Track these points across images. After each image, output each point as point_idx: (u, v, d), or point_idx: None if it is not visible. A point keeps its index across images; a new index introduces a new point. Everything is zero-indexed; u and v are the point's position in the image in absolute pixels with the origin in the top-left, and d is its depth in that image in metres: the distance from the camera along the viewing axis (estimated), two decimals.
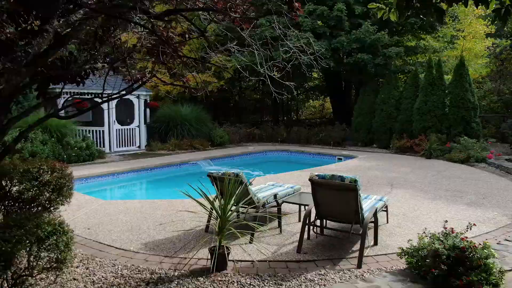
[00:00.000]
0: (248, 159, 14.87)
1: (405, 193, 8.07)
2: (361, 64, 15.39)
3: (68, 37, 3.21)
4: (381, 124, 15.58)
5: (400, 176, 9.95)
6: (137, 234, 5.48)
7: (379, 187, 8.69)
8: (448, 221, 5.38)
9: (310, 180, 4.74)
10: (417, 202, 7.36)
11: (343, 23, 15.74)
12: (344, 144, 16.68)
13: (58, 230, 3.25)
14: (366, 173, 10.42)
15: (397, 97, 15.49)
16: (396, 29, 17.30)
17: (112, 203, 7.16)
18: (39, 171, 4.30)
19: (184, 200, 7.35)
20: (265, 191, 6.04)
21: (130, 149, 14.72)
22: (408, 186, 8.81)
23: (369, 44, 15.13)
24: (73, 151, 11.58)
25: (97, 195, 8.45)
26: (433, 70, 14.35)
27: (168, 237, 5.37)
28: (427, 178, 9.76)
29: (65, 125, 12.14)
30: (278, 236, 5.41)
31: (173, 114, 15.78)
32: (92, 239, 5.29)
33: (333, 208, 4.85)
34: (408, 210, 6.81)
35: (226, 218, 4.33)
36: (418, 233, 4.58)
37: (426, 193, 8.08)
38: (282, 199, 5.88)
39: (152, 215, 6.42)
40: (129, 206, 6.96)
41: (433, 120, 14.00)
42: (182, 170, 12.30)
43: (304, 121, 26.35)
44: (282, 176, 9.85)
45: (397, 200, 7.47)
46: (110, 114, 14.08)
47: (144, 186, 10.92)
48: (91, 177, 10.13)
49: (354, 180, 4.46)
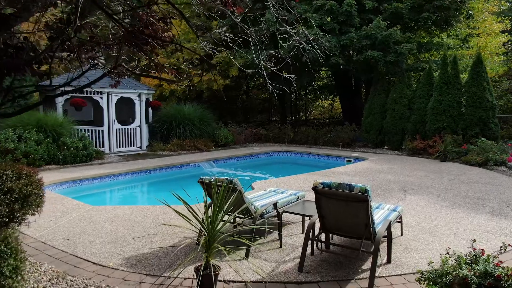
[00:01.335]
0: (252, 160, 14.26)
1: (420, 200, 7.38)
2: (371, 62, 14.67)
3: (15, 17, 2.63)
4: (393, 124, 14.85)
5: (414, 181, 9.25)
6: (120, 247, 4.90)
7: (392, 192, 8.01)
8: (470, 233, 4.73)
9: (313, 189, 4.12)
10: (434, 210, 6.68)
11: (353, 19, 15.04)
12: (354, 145, 15.98)
13: (3, 252, 2.67)
14: (377, 176, 9.74)
15: (409, 96, 14.74)
16: (409, 25, 16.55)
17: (100, 210, 6.60)
18: (1, 177, 3.73)
19: (178, 207, 6.76)
20: (264, 199, 5.43)
21: (131, 150, 14.20)
22: (423, 192, 8.11)
23: (380, 40, 14.40)
24: (69, 152, 11.08)
25: (87, 199, 7.91)
26: (448, 67, 13.58)
27: (154, 251, 4.78)
28: (443, 183, 9.05)
29: (61, 124, 11.66)
30: (278, 251, 4.79)
31: (175, 113, 15.23)
32: (69, 252, 4.72)
33: (340, 221, 4.22)
34: (424, 220, 6.13)
35: (215, 234, 3.72)
36: (440, 253, 3.92)
37: (444, 200, 7.38)
38: (283, 208, 5.26)
39: (141, 224, 5.84)
40: (118, 213, 6.39)
41: (448, 121, 13.24)
42: (182, 172, 11.73)
43: (313, 121, 25.67)
44: (286, 180, 9.22)
45: (412, 208, 6.79)
46: (110, 113, 13.58)
47: (139, 190, 10.35)
48: (85, 179, 9.61)
49: (365, 190, 3.83)
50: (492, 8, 23.11)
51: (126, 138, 14.12)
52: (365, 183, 8.83)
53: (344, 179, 9.39)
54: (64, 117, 12.53)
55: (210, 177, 4.83)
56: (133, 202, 8.95)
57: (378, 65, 14.76)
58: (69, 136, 11.64)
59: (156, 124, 15.27)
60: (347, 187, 3.93)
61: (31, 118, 11.30)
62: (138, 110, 14.44)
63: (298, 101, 25.98)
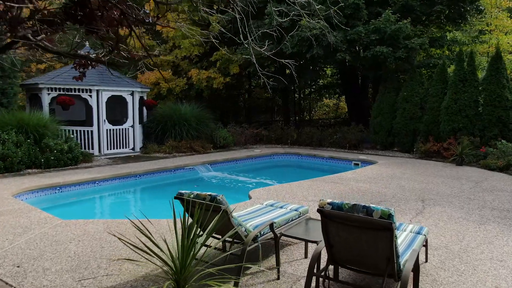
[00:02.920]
0: (253, 163, 13.32)
1: (441, 213, 6.40)
2: (380, 58, 13.66)
3: None
4: (403, 125, 13.83)
5: (431, 188, 8.26)
6: (80, 277, 3.97)
7: (408, 203, 7.03)
8: (509, 258, 3.77)
9: (319, 212, 3.16)
10: (460, 227, 5.70)
11: (360, 12, 14.04)
12: (361, 147, 14.97)
13: None
14: (390, 183, 8.76)
15: (421, 95, 13.72)
16: (420, 19, 15.52)
17: (69, 225, 5.67)
18: None
19: (161, 221, 5.84)
20: (259, 216, 4.48)
21: (123, 152, 13.28)
22: (443, 202, 7.13)
23: (389, 35, 13.37)
24: (52, 155, 10.17)
25: (60, 210, 7.01)
26: (464, 63, 12.56)
27: (121, 283, 3.84)
28: (464, 191, 8.06)
29: (45, 125, 10.74)
30: (274, 284, 3.84)
31: (171, 113, 14.29)
32: (14, 285, 3.80)
33: (353, 252, 3.26)
34: (450, 240, 5.16)
35: (187, 275, 2.78)
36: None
37: (469, 214, 6.40)
38: (282, 229, 4.30)
39: (112, 244, 4.90)
40: (88, 230, 5.46)
41: (464, 121, 12.21)
42: (175, 177, 10.80)
43: (317, 121, 24.67)
44: (287, 188, 8.26)
45: (434, 224, 5.82)
46: (100, 113, 12.66)
47: (123, 198, 9.32)
48: (65, 185, 8.70)
49: (388, 215, 2.87)
50: (504, 4, 22.05)
51: (118, 139, 13.20)
52: (378, 190, 7.87)
53: (353, 186, 8.42)
54: (51, 116, 11.64)
55: (191, 192, 3.89)
56: (113, 213, 7.98)
57: (387, 62, 13.76)
58: (53, 137, 10.72)
59: (150, 124, 14.35)
60: (364, 209, 2.98)
61: (11, 118, 10.42)
62: (131, 109, 13.51)
63: (302, 100, 24.99)
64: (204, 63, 17.81)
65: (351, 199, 7.28)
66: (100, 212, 8.06)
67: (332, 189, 8.14)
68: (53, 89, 12.09)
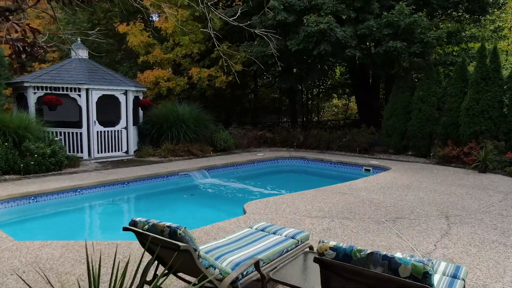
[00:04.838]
0: (254, 168, 12.31)
1: (472, 235, 5.33)
2: (393, 55, 12.56)
3: None
4: (419, 127, 12.70)
5: (454, 201, 7.17)
6: None
7: (429, 221, 5.96)
8: None
9: (318, 262, 2.14)
10: (497, 255, 4.63)
11: (372, 5, 12.96)
12: (372, 150, 13.87)
13: None
14: (406, 194, 7.69)
15: (439, 95, 12.58)
16: (436, 13, 14.39)
17: (21, 248, 4.71)
18: None
19: (132, 243, 4.86)
20: (243, 248, 3.45)
21: (115, 155, 12.36)
22: (471, 220, 6.04)
23: (403, 29, 12.26)
24: (32, 159, 9.28)
25: (23, 227, 6.09)
26: (486, 60, 11.41)
27: None
28: (493, 204, 6.96)
29: (26, 127, 9.86)
30: None
31: (168, 113, 13.33)
32: None
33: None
34: (488, 274, 4.10)
35: None
36: None
37: (505, 235, 5.32)
38: (272, 265, 3.28)
39: (65, 277, 3.93)
40: (42, 255, 4.50)
41: (487, 123, 11.06)
42: (168, 184, 9.83)
43: (326, 122, 23.57)
44: (288, 200, 7.23)
45: (464, 251, 4.75)
46: (90, 113, 11.75)
47: (104, 210, 8.26)
48: (41, 194, 7.77)
49: (423, 273, 1.85)
50: None
51: (110, 142, 12.27)
52: (393, 203, 6.79)
53: (364, 197, 7.37)
54: (36, 117, 10.77)
55: (146, 221, 2.89)
56: (89, 229, 7.02)
57: (400, 58, 12.66)
58: (35, 140, 9.83)
59: (145, 126, 13.41)
60: (386, 261, 1.96)
61: (1, 117, 9.56)
62: (124, 109, 12.58)
63: (310, 100, 23.91)
64: (206, 61, 16.86)
65: (363, 214, 6.23)
66: (71, 228, 7.00)
67: (339, 201, 7.10)
68: (40, 88, 11.21)
